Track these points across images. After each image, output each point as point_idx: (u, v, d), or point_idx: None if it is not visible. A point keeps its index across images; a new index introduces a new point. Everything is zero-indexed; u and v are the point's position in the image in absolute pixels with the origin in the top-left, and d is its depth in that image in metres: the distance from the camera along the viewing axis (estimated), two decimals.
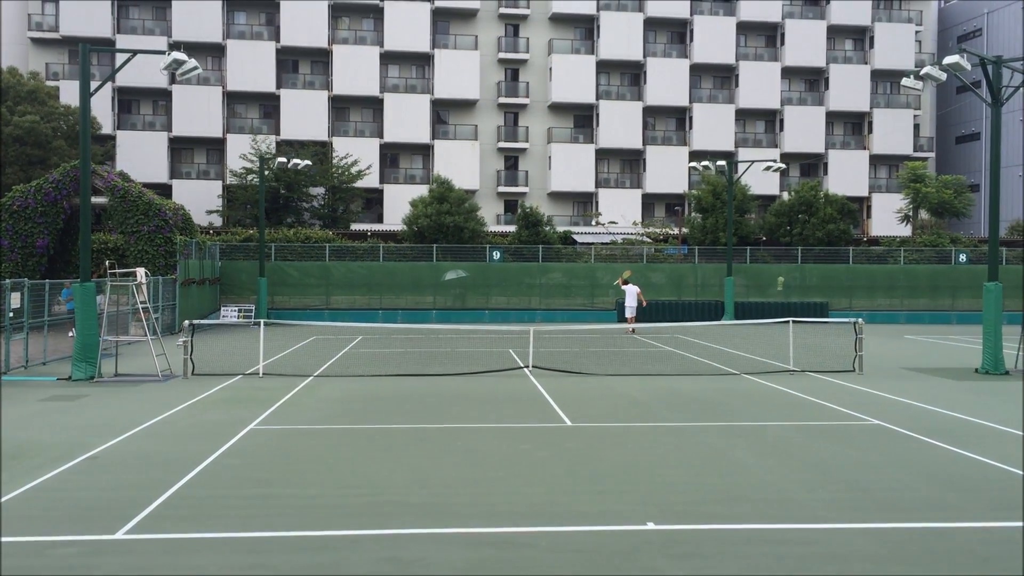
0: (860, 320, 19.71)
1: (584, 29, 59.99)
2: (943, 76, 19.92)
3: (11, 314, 18.66)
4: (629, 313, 31.06)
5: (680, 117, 60.79)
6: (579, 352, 23.27)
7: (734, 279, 36.24)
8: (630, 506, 8.47)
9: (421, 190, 49.87)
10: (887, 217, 57.53)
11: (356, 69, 56.27)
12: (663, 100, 59.12)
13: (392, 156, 58.19)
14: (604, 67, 59.55)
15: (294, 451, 10.96)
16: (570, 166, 58.28)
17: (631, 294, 31.12)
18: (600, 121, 58.79)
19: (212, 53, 55.65)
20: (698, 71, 60.30)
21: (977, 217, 60.06)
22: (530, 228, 44.64)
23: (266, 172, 41.21)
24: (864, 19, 60.98)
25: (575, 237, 48.84)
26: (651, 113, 60.17)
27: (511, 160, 59.72)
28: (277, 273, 36.49)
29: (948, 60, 19.07)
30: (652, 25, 59.91)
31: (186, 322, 19.02)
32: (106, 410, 14.03)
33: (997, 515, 8.26)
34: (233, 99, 56.45)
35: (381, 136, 56.87)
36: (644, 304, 31.61)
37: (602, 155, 59.51)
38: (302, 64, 57.56)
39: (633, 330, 30.03)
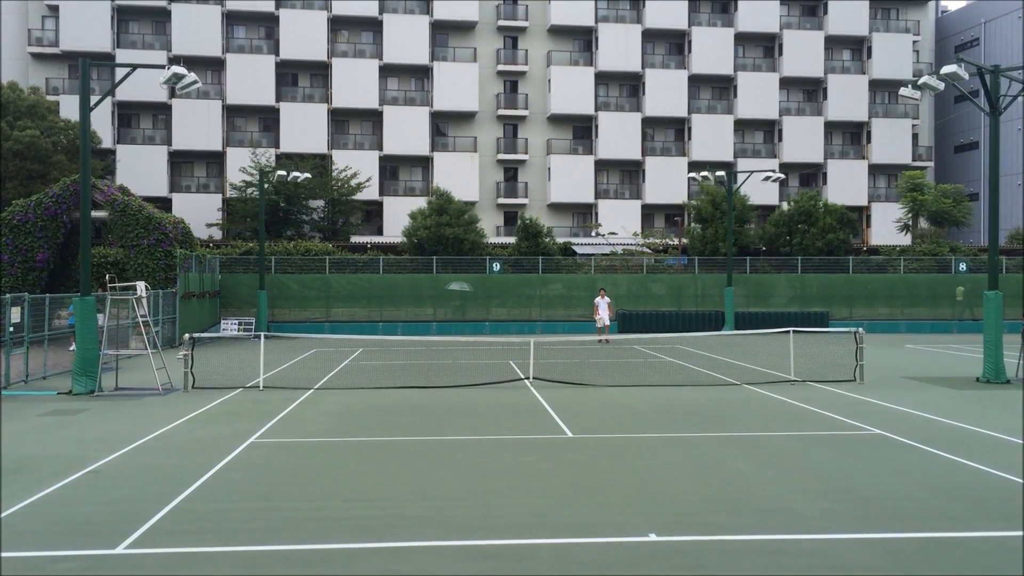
0: (860, 329, 19.71)
1: (583, 41, 60.16)
2: (941, 85, 19.98)
3: (11, 329, 18.66)
4: (601, 323, 31.33)
5: (679, 128, 60.89)
6: (580, 363, 23.25)
7: (734, 289, 36.25)
8: (632, 517, 8.46)
9: (420, 202, 49.91)
10: (887, 226, 57.57)
11: (355, 82, 56.41)
12: (662, 111, 59.24)
13: (391, 168, 58.28)
14: (603, 78, 59.70)
15: (295, 464, 10.95)
16: (569, 177, 58.36)
17: (604, 307, 31.27)
18: (599, 132, 58.91)
19: (212, 67, 55.81)
20: (697, 82, 60.45)
21: (977, 226, 60.11)
22: (530, 239, 44.67)
23: (266, 185, 41.27)
24: (862, 29, 61.18)
25: (575, 248, 48.87)
26: (650, 124, 60.28)
27: (510, 171, 59.80)
28: (277, 286, 36.49)
29: (946, 69, 19.11)
30: (650, 36, 60.08)
31: (186, 335, 19.02)
32: (107, 424, 14.02)
33: (998, 525, 8.25)
34: (233, 113, 56.57)
35: (380, 148, 56.96)
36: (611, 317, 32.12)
37: (601, 166, 59.60)
38: (301, 77, 57.72)
39: (608, 340, 30.60)
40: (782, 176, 40.47)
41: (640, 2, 59.57)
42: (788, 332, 21.15)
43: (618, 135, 58.78)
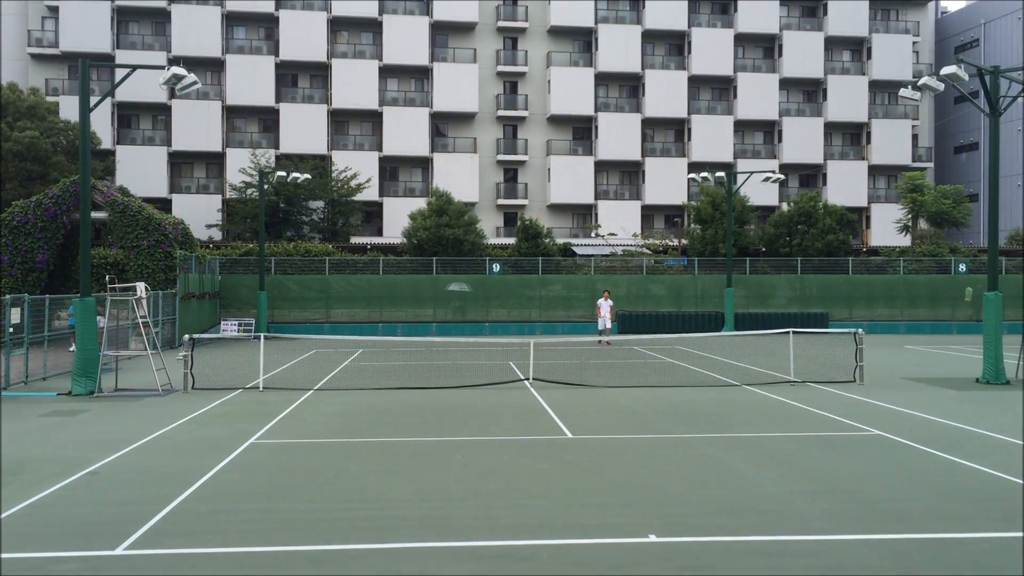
0: (860, 330, 19.71)
1: (582, 42, 60.16)
2: (941, 86, 19.98)
3: (11, 329, 18.65)
4: (603, 325, 31.37)
5: (679, 128, 60.89)
6: (579, 364, 23.26)
7: (734, 290, 36.25)
8: (631, 518, 8.46)
9: (420, 203, 49.93)
10: (886, 227, 57.56)
11: (355, 83, 56.40)
12: (662, 112, 59.23)
13: (391, 169, 58.27)
14: (603, 79, 59.69)
15: (294, 465, 10.94)
16: (569, 178, 58.35)
17: (606, 309, 31.31)
18: (599, 133, 58.90)
19: (211, 68, 55.80)
20: (696, 83, 60.44)
21: (976, 227, 60.11)
22: (529, 240, 44.68)
23: (266, 186, 41.27)
24: (862, 30, 61.17)
25: (575, 249, 48.87)
26: (650, 125, 60.27)
27: (510, 172, 59.79)
28: (277, 287, 36.49)
29: (946, 70, 19.12)
30: (650, 37, 60.08)
31: (186, 336, 19.02)
32: (106, 425, 14.01)
33: (998, 525, 8.25)
34: (232, 113, 56.56)
35: (380, 149, 56.94)
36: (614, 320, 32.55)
37: (601, 167, 59.59)
38: (301, 78, 57.71)
39: (609, 342, 30.55)
40: (782, 177, 40.47)
41: (640, 3, 59.57)
42: (788, 333, 21.15)
43: (618, 136, 58.77)
